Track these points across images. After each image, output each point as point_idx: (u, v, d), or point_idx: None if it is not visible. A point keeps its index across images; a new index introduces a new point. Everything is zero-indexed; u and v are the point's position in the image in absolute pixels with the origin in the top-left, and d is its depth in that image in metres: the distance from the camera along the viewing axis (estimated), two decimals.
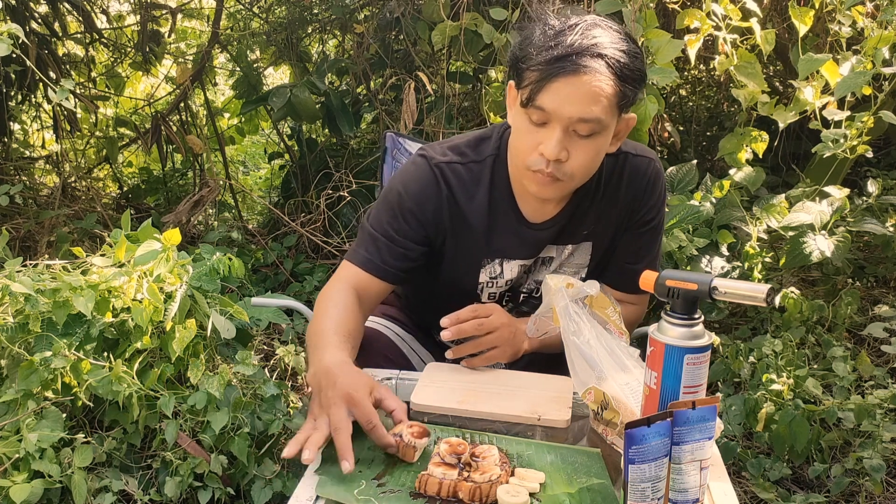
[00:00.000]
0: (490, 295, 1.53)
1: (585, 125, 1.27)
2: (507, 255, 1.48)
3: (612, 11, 2.28)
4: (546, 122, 1.28)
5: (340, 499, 1.04)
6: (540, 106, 1.26)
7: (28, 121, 4.31)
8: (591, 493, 1.08)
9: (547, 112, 1.26)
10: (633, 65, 1.29)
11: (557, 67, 1.24)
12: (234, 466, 1.80)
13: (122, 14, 4.31)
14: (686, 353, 1.02)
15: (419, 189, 1.44)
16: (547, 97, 1.25)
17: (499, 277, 1.50)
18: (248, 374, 1.79)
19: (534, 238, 1.47)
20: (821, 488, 2.07)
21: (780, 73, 3.86)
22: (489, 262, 1.49)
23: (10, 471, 1.58)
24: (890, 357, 2.47)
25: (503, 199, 1.45)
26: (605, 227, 1.50)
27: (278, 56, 4.04)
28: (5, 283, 1.62)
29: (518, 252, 1.48)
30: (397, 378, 1.41)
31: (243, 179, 5.07)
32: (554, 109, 1.25)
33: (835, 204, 2.43)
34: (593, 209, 1.48)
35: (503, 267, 1.49)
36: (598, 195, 1.47)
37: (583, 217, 1.48)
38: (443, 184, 1.43)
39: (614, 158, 1.47)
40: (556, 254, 1.51)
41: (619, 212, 1.49)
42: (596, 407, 1.20)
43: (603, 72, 1.25)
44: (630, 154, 1.49)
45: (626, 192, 1.48)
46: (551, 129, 1.27)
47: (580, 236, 1.50)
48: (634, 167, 1.48)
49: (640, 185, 1.49)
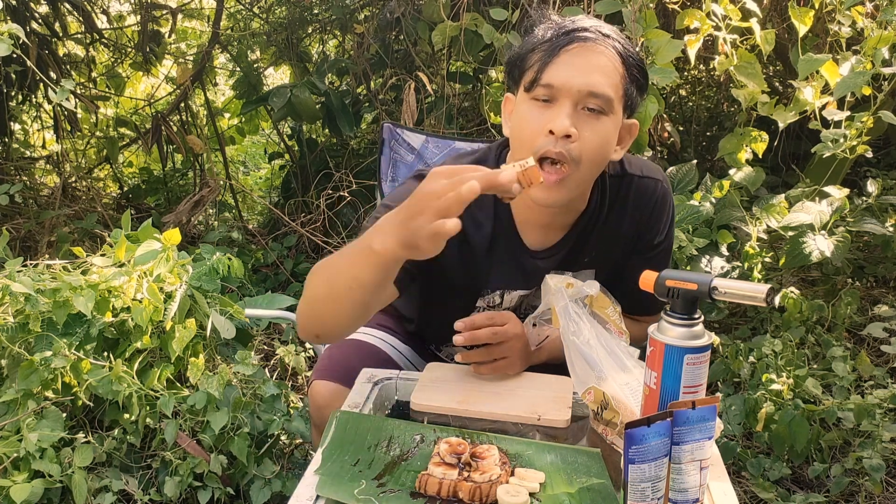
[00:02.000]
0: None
1: (595, 99, 1.22)
2: (508, 286, 1.44)
3: (612, 12, 2.29)
4: (553, 99, 1.23)
5: (340, 498, 1.04)
6: (547, 83, 1.22)
7: (28, 121, 4.31)
8: (591, 493, 1.08)
9: (555, 87, 1.22)
10: (636, 61, 1.27)
11: (564, 39, 1.22)
12: (234, 466, 1.81)
13: (122, 14, 4.32)
14: (686, 353, 1.02)
15: None
16: (554, 71, 1.22)
17: (498, 306, 1.46)
18: (247, 374, 1.80)
19: (535, 267, 1.42)
20: (820, 488, 2.07)
21: (780, 74, 3.86)
22: (489, 293, 1.46)
23: (10, 470, 1.58)
24: (889, 357, 2.47)
25: (505, 226, 1.40)
26: (608, 252, 1.45)
27: (278, 56, 4.04)
28: (6, 283, 1.62)
29: (518, 283, 1.44)
30: (397, 378, 1.41)
31: (243, 179, 5.07)
32: (562, 83, 1.21)
33: (834, 204, 2.44)
34: (595, 234, 1.43)
35: (503, 298, 1.46)
36: (601, 219, 1.42)
37: (584, 244, 1.43)
38: None
39: (619, 181, 1.42)
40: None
41: (624, 236, 1.44)
42: (596, 407, 1.20)
43: (610, 48, 1.23)
44: (636, 176, 1.44)
45: (631, 216, 1.44)
46: (560, 105, 1.22)
47: (581, 264, 1.45)
48: (641, 189, 1.43)
49: (647, 208, 1.44)
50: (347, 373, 1.45)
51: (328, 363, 1.52)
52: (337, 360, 1.52)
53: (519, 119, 1.29)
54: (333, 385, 1.46)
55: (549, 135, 1.22)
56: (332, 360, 1.53)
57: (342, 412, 1.25)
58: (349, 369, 1.45)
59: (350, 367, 1.46)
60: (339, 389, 1.44)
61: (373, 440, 1.18)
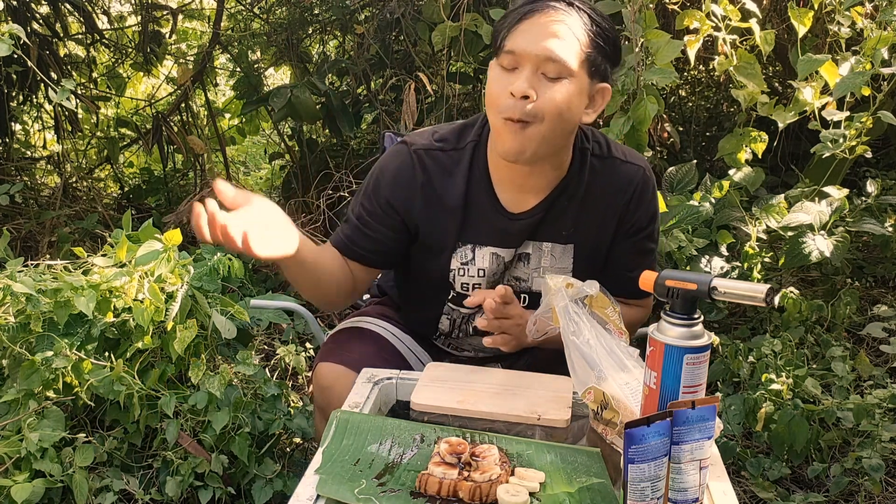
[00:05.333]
0: (463, 285, 1.51)
1: (553, 65, 1.29)
2: (479, 241, 1.47)
3: (612, 12, 2.29)
4: (516, 66, 1.31)
5: (341, 498, 1.05)
6: (510, 49, 1.31)
7: (29, 121, 4.31)
8: (591, 493, 1.08)
9: (516, 54, 1.30)
10: (604, 30, 1.33)
11: (527, 10, 1.31)
12: (235, 466, 1.81)
13: (123, 15, 4.32)
14: (685, 353, 1.03)
15: (394, 176, 1.47)
16: (515, 38, 1.31)
17: (470, 264, 1.49)
18: (248, 374, 1.80)
19: (509, 227, 1.46)
20: (820, 488, 2.08)
21: (780, 74, 3.86)
22: (461, 247, 1.48)
23: (11, 470, 1.59)
24: (889, 357, 2.47)
25: (481, 185, 1.45)
26: (588, 230, 1.49)
27: (279, 57, 4.04)
28: (7, 283, 1.63)
29: (491, 239, 1.47)
30: (397, 378, 1.41)
31: (244, 180, 5.07)
32: (522, 50, 1.30)
33: (834, 204, 2.44)
34: (573, 207, 1.47)
35: (475, 253, 1.48)
36: (579, 193, 1.46)
37: (561, 214, 1.47)
38: (419, 170, 1.45)
39: (601, 161, 1.47)
40: (534, 251, 1.49)
41: (604, 217, 1.48)
42: (596, 407, 1.21)
43: (572, 16, 1.31)
44: (619, 160, 1.48)
45: (613, 198, 1.47)
46: (520, 71, 1.30)
47: (561, 237, 1.48)
48: (623, 174, 1.48)
49: (629, 192, 1.47)
50: (351, 356, 1.51)
51: (333, 347, 1.57)
52: (341, 345, 1.58)
53: (488, 84, 1.37)
54: (339, 367, 1.50)
55: (511, 97, 1.30)
56: (336, 344, 1.58)
57: (342, 412, 1.25)
58: (352, 353, 1.52)
59: (353, 352, 1.53)
60: (344, 371, 1.48)
61: (373, 440, 1.19)
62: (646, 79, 2.16)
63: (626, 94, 2.18)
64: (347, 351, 1.54)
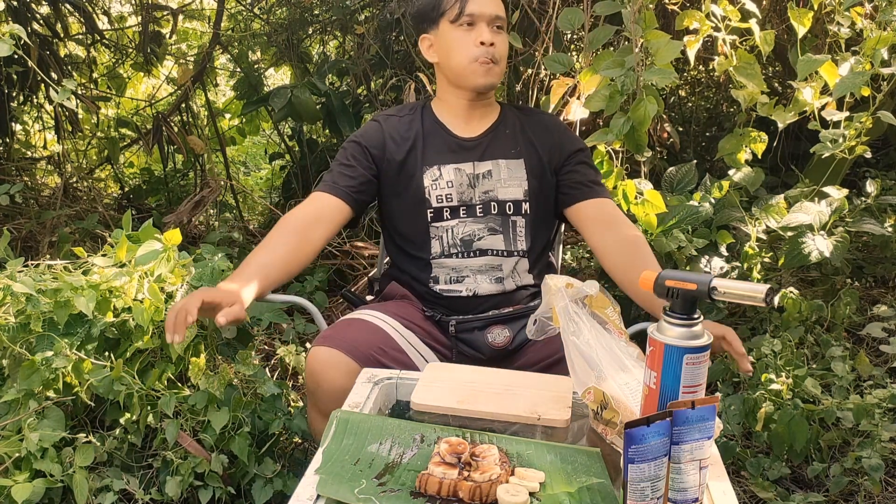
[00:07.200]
0: (437, 197, 1.77)
1: (499, 20, 1.76)
2: (442, 161, 1.80)
3: (611, 13, 2.29)
4: (473, 24, 1.74)
5: (341, 498, 1.05)
6: (470, 13, 1.74)
7: (30, 121, 4.32)
8: (591, 493, 1.08)
9: (475, 15, 1.74)
10: None
11: None
12: (235, 466, 1.81)
13: (123, 15, 4.33)
14: (685, 353, 1.03)
15: (364, 132, 1.86)
16: (471, 6, 1.74)
17: (439, 179, 1.78)
18: (248, 374, 1.80)
19: (463, 145, 1.82)
20: (820, 488, 2.08)
21: (780, 74, 3.87)
22: (428, 168, 1.79)
23: (11, 470, 1.59)
24: (888, 357, 2.47)
25: (434, 125, 1.84)
26: (531, 150, 1.84)
27: (279, 57, 4.05)
28: (7, 283, 1.63)
29: (450, 158, 1.81)
30: (397, 378, 1.41)
31: (244, 180, 5.08)
32: (480, 12, 1.74)
33: (833, 204, 2.44)
34: (513, 133, 1.85)
35: (441, 171, 1.79)
36: (517, 126, 1.86)
37: (504, 138, 1.84)
38: (383, 126, 1.84)
39: (521, 111, 1.93)
40: (493, 167, 1.80)
41: (542, 144, 1.84)
42: (595, 407, 1.21)
43: None
44: (536, 111, 2.01)
45: (543, 134, 1.86)
46: (480, 27, 1.74)
47: (511, 154, 1.82)
48: (546, 118, 1.95)
49: (551, 129, 1.88)
50: (346, 342, 1.56)
51: (329, 333, 1.61)
52: (337, 331, 1.62)
53: (450, 42, 1.76)
54: (332, 351, 1.54)
55: (480, 45, 1.74)
56: (333, 331, 1.62)
57: (342, 412, 1.25)
58: (348, 339, 1.57)
59: (349, 338, 1.58)
60: (338, 355, 1.53)
61: (373, 440, 1.19)
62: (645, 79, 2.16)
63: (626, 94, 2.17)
64: (342, 337, 1.58)
